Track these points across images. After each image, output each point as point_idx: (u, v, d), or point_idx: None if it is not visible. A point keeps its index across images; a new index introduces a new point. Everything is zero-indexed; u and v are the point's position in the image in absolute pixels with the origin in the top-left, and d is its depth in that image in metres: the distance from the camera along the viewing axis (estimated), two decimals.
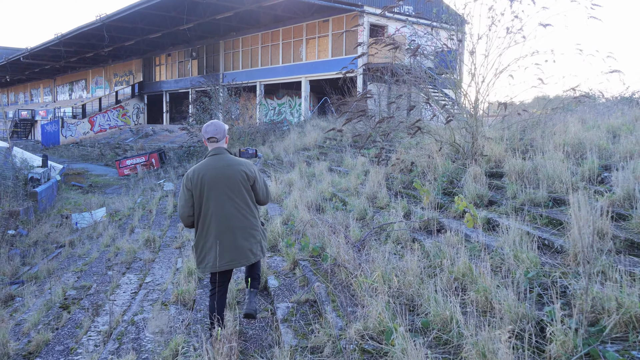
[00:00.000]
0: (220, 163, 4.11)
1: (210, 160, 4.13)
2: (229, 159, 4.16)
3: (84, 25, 32.51)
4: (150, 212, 12.15)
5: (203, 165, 4.15)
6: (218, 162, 4.11)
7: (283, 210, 8.58)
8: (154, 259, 7.68)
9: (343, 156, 12.48)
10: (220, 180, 4.04)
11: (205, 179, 4.03)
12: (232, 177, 4.06)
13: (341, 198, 8.20)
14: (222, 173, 4.05)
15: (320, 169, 11.23)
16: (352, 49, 26.31)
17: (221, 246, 3.99)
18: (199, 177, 4.04)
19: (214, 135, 4.18)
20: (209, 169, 4.08)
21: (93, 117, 41.41)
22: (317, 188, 9.20)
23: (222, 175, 4.05)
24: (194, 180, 4.06)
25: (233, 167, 4.10)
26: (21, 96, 69.65)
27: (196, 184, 4.04)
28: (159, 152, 23.23)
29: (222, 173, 4.05)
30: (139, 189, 17.18)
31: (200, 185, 4.03)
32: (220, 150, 4.20)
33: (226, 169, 4.07)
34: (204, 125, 4.27)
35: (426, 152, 8.97)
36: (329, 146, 16.00)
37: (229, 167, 4.09)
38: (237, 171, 4.09)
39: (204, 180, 4.03)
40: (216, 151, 4.19)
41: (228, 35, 34.08)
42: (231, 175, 4.06)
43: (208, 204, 4.02)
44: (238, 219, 4.05)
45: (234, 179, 4.06)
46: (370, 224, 6.18)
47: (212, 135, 4.18)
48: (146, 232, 9.19)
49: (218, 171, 4.06)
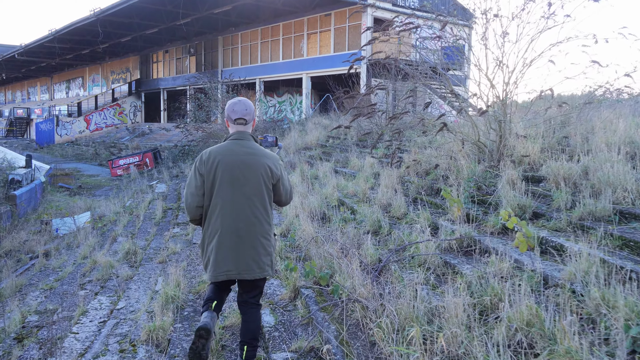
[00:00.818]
0: (242, 149, 3.34)
1: (231, 144, 3.36)
2: (253, 147, 3.38)
3: (78, 20, 31.47)
4: (137, 218, 11.10)
5: (221, 148, 3.38)
6: (240, 148, 3.34)
7: (282, 219, 7.52)
8: (132, 276, 6.62)
9: (348, 156, 11.42)
10: (238, 170, 3.28)
11: (220, 165, 3.28)
12: (253, 170, 3.30)
13: (349, 205, 7.14)
14: (242, 162, 3.30)
15: (324, 170, 10.17)
16: (355, 44, 25.25)
17: (221, 251, 3.25)
18: (213, 161, 3.29)
19: (243, 115, 3.40)
20: (227, 153, 3.32)
21: (89, 116, 40.36)
22: (321, 193, 8.15)
23: (242, 164, 3.29)
24: (208, 163, 3.31)
25: (257, 157, 3.33)
26: (18, 94, 68.65)
27: (210, 168, 3.29)
28: (154, 151, 22.19)
29: (242, 162, 3.30)
30: (130, 191, 16.12)
31: (214, 171, 3.28)
32: (245, 134, 3.42)
33: (248, 158, 3.31)
34: (230, 103, 3.46)
35: (444, 153, 7.91)
36: (332, 145, 14.94)
37: (252, 157, 3.33)
38: (261, 164, 3.32)
39: (219, 165, 3.28)
40: (240, 135, 3.40)
41: (227, 31, 33.01)
42: (252, 167, 3.30)
43: (218, 196, 3.28)
44: (250, 221, 3.29)
45: (256, 172, 3.30)
46: (387, 241, 5.12)
47: (241, 116, 3.39)
48: (128, 243, 8.14)
49: (238, 158, 3.30)
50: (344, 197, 7.81)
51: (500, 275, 3.51)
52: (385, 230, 5.58)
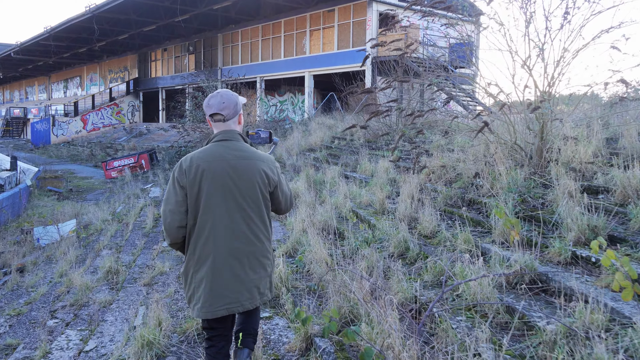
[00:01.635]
0: (230, 153, 2.73)
1: (216, 147, 2.75)
2: (244, 149, 2.78)
3: (74, 17, 30.51)
4: (126, 227, 10.11)
5: (204, 153, 2.75)
6: (228, 151, 2.74)
7: (286, 234, 6.52)
8: (111, 302, 5.63)
9: (358, 159, 10.42)
10: (229, 179, 2.69)
11: (206, 174, 2.66)
12: (246, 177, 2.72)
13: (365, 218, 6.14)
14: (233, 168, 2.70)
15: (332, 175, 9.17)
16: (360, 41, 24.26)
17: (219, 280, 2.65)
18: (197, 170, 2.67)
19: (220, 110, 2.75)
20: (212, 159, 2.70)
21: (86, 115, 39.39)
22: (331, 202, 7.15)
23: (233, 171, 2.70)
24: (190, 173, 2.67)
25: (250, 162, 2.75)
26: (16, 94, 67.77)
27: (193, 179, 2.66)
28: (150, 152, 21.20)
29: (233, 168, 2.70)
30: (123, 195, 15.14)
31: (199, 182, 2.66)
32: (232, 134, 2.79)
33: (240, 163, 2.72)
34: (207, 98, 2.86)
35: (471, 156, 6.91)
36: (338, 147, 13.95)
37: (244, 161, 2.74)
38: (256, 169, 2.75)
39: (204, 174, 2.66)
40: (226, 135, 2.78)
41: (226, 28, 32.02)
42: (246, 174, 2.72)
43: (207, 212, 2.66)
44: (248, 239, 2.71)
45: (250, 179, 2.72)
46: (421, 271, 4.11)
47: (216, 111, 2.76)
48: (111, 259, 7.14)
49: (227, 164, 2.70)
50: (358, 207, 6.81)
51: (589, 330, 2.50)
52: (415, 252, 4.58)
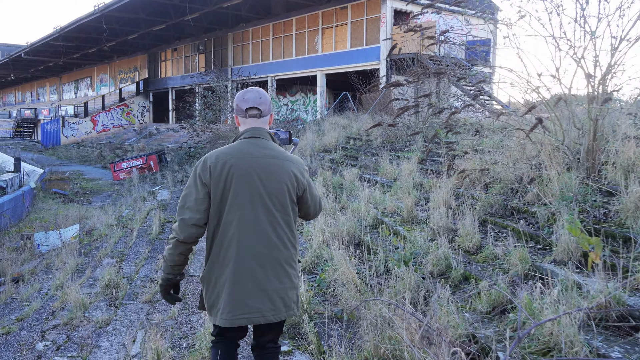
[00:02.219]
0: (260, 151, 2.54)
1: (245, 145, 2.55)
2: (274, 149, 2.59)
3: (83, 16, 30.13)
4: (131, 232, 9.52)
5: (233, 149, 2.54)
6: (257, 149, 2.54)
7: (304, 244, 5.86)
8: (108, 322, 5.01)
9: (378, 161, 9.74)
10: (258, 179, 2.49)
11: (233, 172, 2.46)
12: (276, 178, 2.51)
13: (393, 228, 5.46)
14: (262, 168, 2.50)
15: (351, 178, 8.50)
16: (374, 39, 23.57)
17: (239, 286, 2.44)
18: (223, 167, 2.46)
19: (257, 104, 2.58)
20: (241, 156, 2.50)
21: (95, 116, 39.07)
22: (352, 208, 6.48)
23: (262, 171, 2.50)
24: (216, 170, 2.46)
25: (280, 162, 2.54)
26: (28, 95, 67.91)
27: (219, 176, 2.46)
28: (159, 153, 20.66)
29: (262, 168, 2.50)
30: (130, 198, 14.58)
31: (225, 179, 2.45)
32: (262, 132, 2.61)
33: (269, 163, 2.52)
34: (240, 93, 2.65)
35: (509, 158, 6.21)
36: (354, 147, 13.27)
37: (274, 161, 2.53)
38: (285, 170, 2.54)
39: (231, 173, 2.46)
40: (256, 132, 2.59)
41: (237, 27, 31.47)
42: (275, 175, 2.52)
43: (232, 212, 2.46)
44: (274, 244, 2.49)
45: (279, 181, 2.52)
46: (475, 299, 3.42)
47: (254, 105, 2.58)
48: (110, 272, 6.53)
49: (256, 163, 2.50)
50: (383, 215, 6.13)
51: None
52: (458, 272, 3.89)
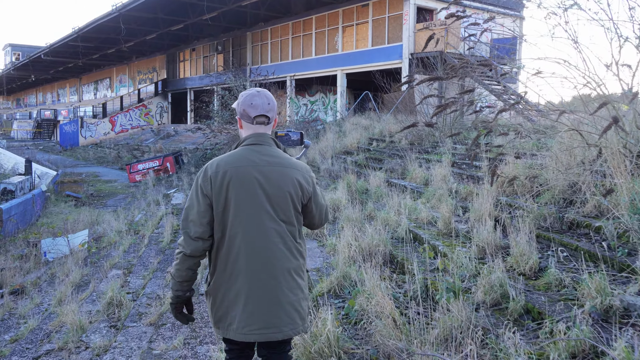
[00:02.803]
0: (262, 159, 2.35)
1: (247, 152, 2.36)
2: (277, 155, 2.39)
3: (101, 16, 29.94)
4: (142, 239, 8.99)
5: (233, 157, 2.35)
6: (259, 156, 2.35)
7: (327, 259, 5.21)
8: (106, 349, 4.42)
9: (405, 165, 9.04)
10: (259, 188, 2.31)
11: (234, 181, 2.29)
12: (278, 186, 2.33)
13: (429, 243, 4.78)
14: (264, 176, 2.32)
15: (376, 183, 7.82)
16: (396, 37, 22.83)
17: (253, 300, 2.25)
18: (224, 177, 2.29)
19: (266, 112, 2.40)
20: (242, 165, 2.32)
21: (114, 117, 38.98)
22: (381, 218, 5.81)
23: (264, 179, 2.32)
24: (217, 180, 2.29)
25: (283, 169, 2.36)
26: (49, 96, 68.54)
27: (220, 187, 2.29)
28: (175, 155, 20.21)
29: (264, 176, 2.32)
30: (145, 201, 14.10)
31: (226, 190, 2.29)
32: (264, 138, 2.42)
33: (272, 171, 2.34)
34: (246, 96, 2.42)
35: (556, 163, 5.47)
36: (377, 149, 12.58)
37: (277, 169, 2.35)
38: (289, 178, 2.35)
39: (232, 182, 2.29)
40: (259, 139, 2.39)
41: (255, 26, 30.99)
42: (278, 183, 2.33)
43: (236, 224, 2.28)
44: (283, 255, 2.31)
45: (282, 189, 2.33)
46: (545, 343, 2.72)
47: (263, 112, 2.40)
48: (118, 283, 5.97)
49: (257, 171, 2.32)
50: (417, 226, 5.45)
51: None
52: (518, 304, 3.20)
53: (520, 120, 11.55)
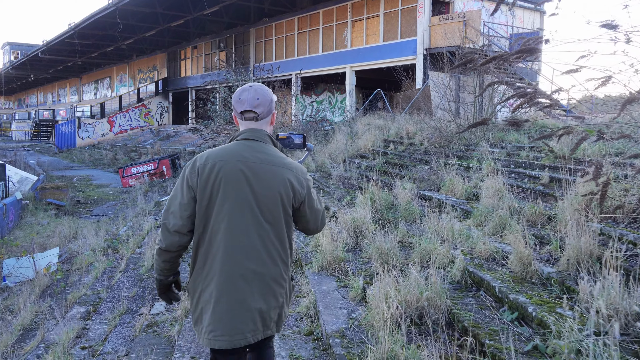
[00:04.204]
0: (254, 155, 2.20)
1: (239, 147, 2.22)
2: (270, 153, 2.24)
3: (97, 11, 28.53)
4: (120, 261, 7.49)
5: (224, 151, 2.21)
6: (251, 152, 2.21)
7: (353, 311, 3.69)
8: None
9: (437, 172, 7.51)
10: (247, 185, 2.16)
11: (221, 175, 2.15)
12: (268, 185, 2.18)
13: (507, 296, 3.25)
14: (254, 173, 2.17)
15: (406, 196, 6.28)
16: (410, 31, 21.30)
17: (222, 304, 2.14)
18: (212, 170, 2.16)
19: (253, 107, 2.24)
20: (232, 159, 2.17)
21: (113, 117, 37.55)
22: (421, 251, 4.29)
23: (253, 176, 2.16)
24: (204, 173, 2.17)
25: (275, 168, 2.20)
26: (49, 96, 67.38)
27: (206, 180, 2.16)
28: (172, 158, 18.73)
29: (254, 173, 2.17)
30: (134, 210, 12.62)
31: (212, 183, 2.15)
32: (260, 134, 2.26)
33: (262, 169, 2.18)
34: (237, 91, 2.29)
35: None
36: (396, 153, 11.05)
37: (268, 167, 2.19)
38: (280, 178, 2.19)
39: (220, 175, 2.15)
40: (253, 134, 2.25)
41: (259, 22, 29.52)
42: (268, 182, 2.18)
43: (218, 220, 2.15)
44: (261, 259, 2.17)
45: (272, 188, 2.18)
46: None
47: (250, 108, 2.24)
48: (72, 333, 4.48)
49: (247, 167, 2.17)
50: (477, 266, 3.91)
51: None
52: None
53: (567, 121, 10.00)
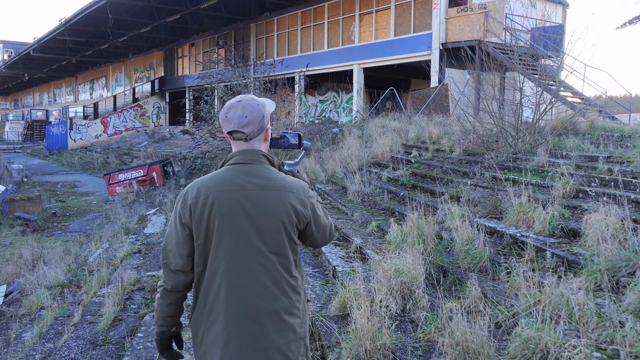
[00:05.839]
0: (249, 181, 2.00)
1: (231, 173, 2.03)
2: (267, 176, 2.02)
3: (87, 5, 26.73)
4: (77, 308, 5.71)
5: (216, 180, 2.03)
6: (245, 178, 2.01)
7: None
8: None
9: (490, 188, 5.73)
10: (245, 217, 1.96)
11: (216, 208, 1.97)
12: (269, 214, 1.97)
13: None
14: (251, 202, 1.97)
15: (465, 233, 4.48)
16: (424, 24, 19.53)
17: (232, 349, 1.93)
18: (205, 204, 1.98)
19: (240, 127, 2.02)
20: (225, 189, 2.00)
21: (106, 118, 35.81)
22: (523, 339, 2.50)
23: (250, 205, 1.97)
24: (197, 208, 1.99)
25: (274, 193, 2.00)
26: (45, 97, 65.72)
27: (200, 216, 1.98)
28: (163, 163, 16.94)
29: (251, 202, 1.97)
30: (115, 225, 10.85)
31: (208, 218, 1.97)
32: (253, 155, 2.06)
33: (260, 196, 1.98)
34: (224, 107, 2.08)
35: None
36: (422, 161, 9.26)
37: (267, 193, 1.99)
38: (282, 204, 1.99)
39: (214, 210, 1.97)
40: (246, 156, 2.06)
41: (260, 17, 27.78)
42: (268, 210, 1.97)
43: (216, 258, 1.98)
44: (271, 294, 1.96)
45: (273, 217, 1.97)
46: None
47: (236, 128, 2.03)
48: None
49: (243, 197, 1.98)
50: None
51: None
52: None
53: None
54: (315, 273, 4.97)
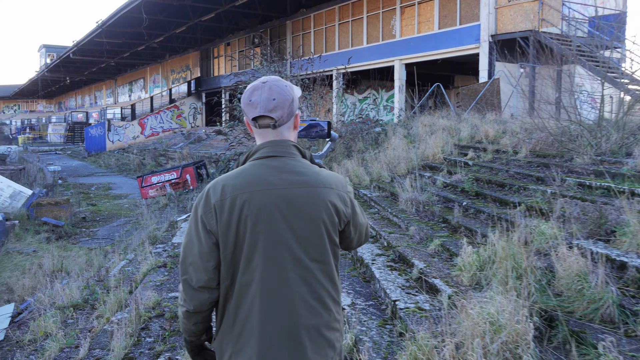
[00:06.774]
0: (282, 178, 1.70)
1: (261, 170, 1.71)
2: (301, 171, 1.72)
3: (122, 6, 26.52)
4: (86, 337, 4.89)
5: (242, 178, 1.70)
6: (277, 175, 1.70)
7: None
8: None
9: (584, 202, 4.61)
10: (282, 220, 1.67)
11: (246, 212, 1.65)
12: (308, 215, 1.68)
13: None
14: (286, 202, 1.67)
15: (575, 265, 3.37)
16: (471, 15, 18.24)
17: None
18: (233, 207, 1.66)
19: (268, 111, 1.70)
20: (255, 188, 1.67)
21: (144, 119, 35.73)
22: None
23: (286, 207, 1.67)
24: (223, 211, 1.67)
25: (312, 189, 1.69)
26: (87, 99, 67.03)
27: (228, 221, 1.66)
28: (197, 165, 16.26)
29: (286, 202, 1.67)
30: (143, 233, 10.14)
31: (237, 225, 1.65)
32: (283, 146, 1.74)
33: (296, 194, 1.68)
34: (247, 90, 1.75)
35: None
36: (481, 163, 8.13)
37: (304, 190, 1.69)
38: (321, 202, 1.69)
39: (244, 213, 1.65)
40: (274, 149, 1.73)
41: (297, 14, 26.96)
42: (307, 210, 1.68)
43: (248, 270, 1.68)
44: (310, 308, 1.68)
45: (313, 219, 1.68)
46: None
47: (263, 113, 1.71)
48: None
49: (277, 197, 1.67)
50: None
51: None
52: None
53: None
54: (367, 307, 3.97)
